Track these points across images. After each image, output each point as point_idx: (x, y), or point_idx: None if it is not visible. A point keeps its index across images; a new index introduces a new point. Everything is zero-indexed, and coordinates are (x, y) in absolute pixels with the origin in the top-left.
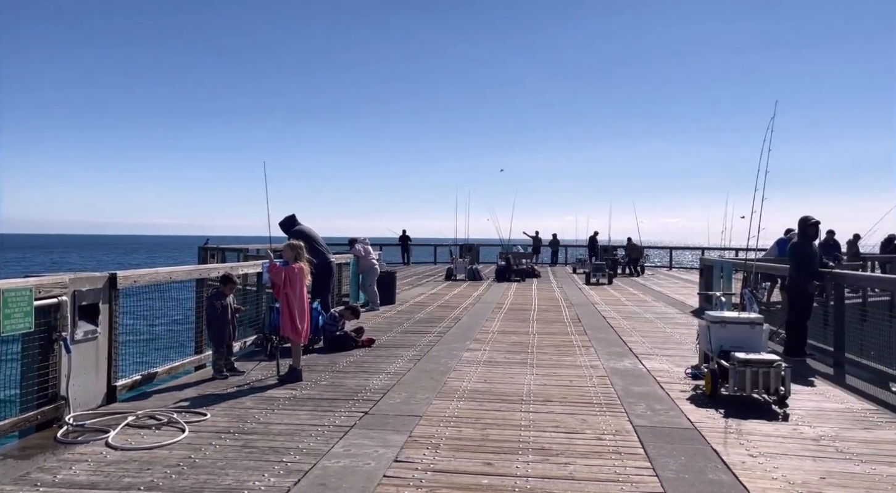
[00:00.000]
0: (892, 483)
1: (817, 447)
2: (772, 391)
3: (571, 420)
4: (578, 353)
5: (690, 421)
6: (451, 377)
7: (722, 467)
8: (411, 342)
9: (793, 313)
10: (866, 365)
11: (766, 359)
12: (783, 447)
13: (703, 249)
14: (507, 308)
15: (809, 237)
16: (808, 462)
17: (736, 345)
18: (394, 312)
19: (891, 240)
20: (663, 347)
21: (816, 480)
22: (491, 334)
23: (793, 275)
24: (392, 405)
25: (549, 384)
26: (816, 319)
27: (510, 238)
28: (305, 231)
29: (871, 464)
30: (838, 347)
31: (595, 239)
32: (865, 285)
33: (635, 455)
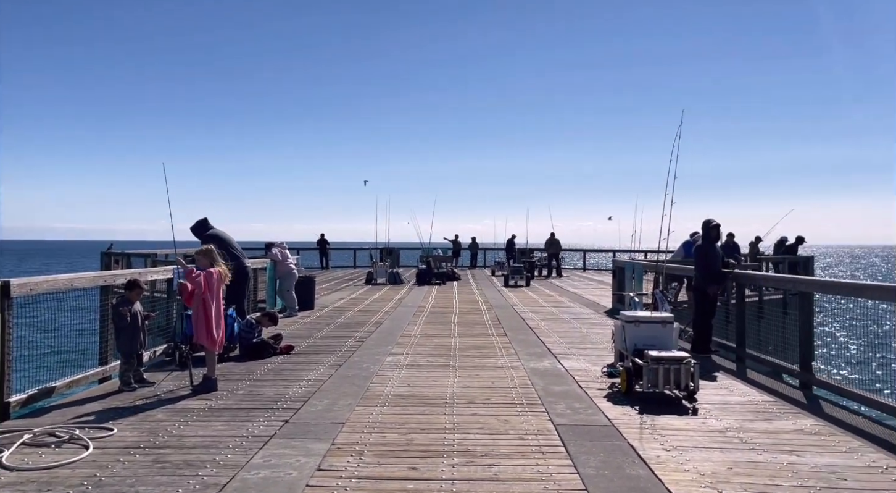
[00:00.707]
0: (792, 471)
1: (724, 439)
2: (682, 387)
3: (495, 421)
4: (499, 354)
5: (608, 418)
6: (373, 382)
7: (639, 461)
8: (332, 348)
9: (698, 312)
10: (765, 359)
11: (677, 356)
12: (694, 440)
13: (615, 251)
14: (429, 311)
15: (712, 239)
16: (717, 454)
17: (649, 343)
18: (313, 317)
19: (783, 242)
20: (580, 346)
21: (724, 470)
22: (413, 338)
23: (697, 275)
24: (313, 413)
25: (472, 386)
26: (720, 317)
27: (430, 242)
28: (219, 235)
29: (772, 453)
30: (740, 343)
31: (513, 242)
32: (763, 285)
33: (557, 454)
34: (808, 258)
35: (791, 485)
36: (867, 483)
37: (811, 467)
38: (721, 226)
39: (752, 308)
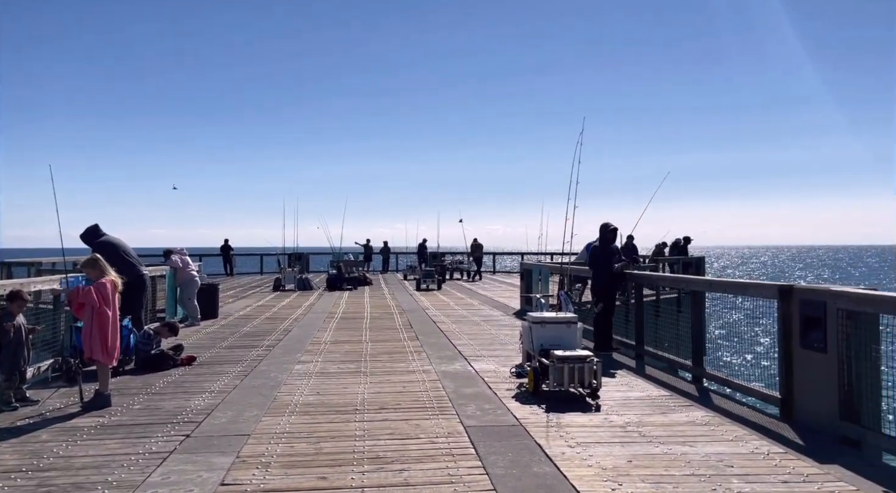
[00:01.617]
0: (685, 461)
1: (624, 434)
2: (586, 385)
3: (405, 426)
4: (411, 358)
5: (516, 418)
6: (281, 392)
7: (545, 459)
8: (237, 358)
9: (599, 311)
10: (662, 356)
11: (581, 355)
12: (596, 436)
13: (523, 253)
14: (340, 317)
15: (608, 242)
16: (618, 448)
17: (555, 343)
18: (217, 326)
19: (677, 243)
20: (490, 348)
21: (624, 464)
22: (323, 345)
23: (595, 275)
24: (217, 426)
25: (382, 392)
26: (621, 315)
27: (341, 246)
28: (112, 242)
29: (668, 445)
30: (639, 341)
31: (424, 246)
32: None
33: (467, 456)
34: (700, 259)
35: (684, 474)
36: (751, 469)
37: (702, 456)
38: (618, 229)
39: (650, 307)
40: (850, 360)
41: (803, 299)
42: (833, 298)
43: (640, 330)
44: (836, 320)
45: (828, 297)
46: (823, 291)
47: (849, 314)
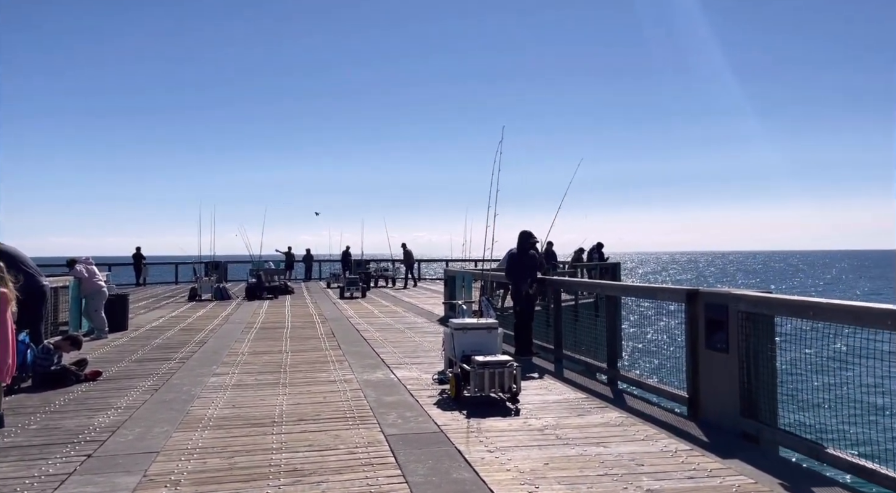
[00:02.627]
0: (600, 461)
1: (542, 437)
2: (506, 390)
3: (325, 437)
4: (333, 368)
5: (437, 425)
6: (194, 406)
7: (465, 465)
8: (147, 371)
9: (519, 316)
10: (579, 359)
11: (501, 360)
12: (515, 440)
13: (448, 260)
14: (259, 327)
15: (525, 249)
16: (535, 451)
17: (476, 349)
18: (126, 339)
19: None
20: (413, 355)
21: (542, 466)
22: (240, 356)
23: (515, 282)
24: (123, 444)
25: (302, 403)
26: (541, 320)
27: (261, 254)
28: (8, 251)
29: (583, 446)
30: (557, 344)
31: (348, 253)
32: (577, 289)
33: (387, 465)
34: (616, 264)
35: (598, 474)
36: (660, 466)
37: (615, 456)
38: (535, 235)
39: (568, 311)
40: (750, 359)
41: (708, 302)
42: (734, 300)
43: (559, 334)
44: (737, 322)
45: (729, 300)
46: (725, 294)
47: (748, 316)
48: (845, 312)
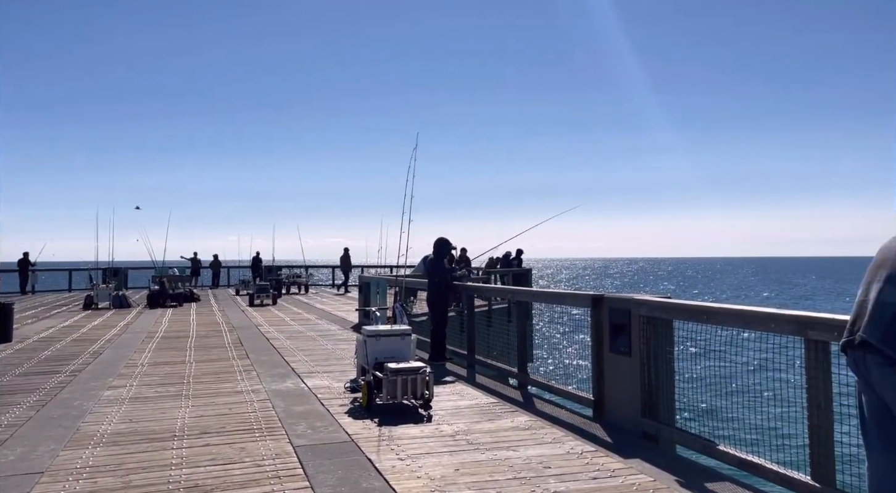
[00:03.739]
0: (508, 465)
1: (454, 442)
2: (419, 396)
3: (229, 450)
4: (240, 378)
5: (348, 434)
6: (86, 421)
7: (375, 474)
8: (34, 386)
9: (434, 323)
10: (491, 364)
11: (414, 367)
12: (427, 447)
13: (363, 267)
14: (161, 337)
15: (442, 255)
16: (446, 457)
17: (389, 356)
18: (10, 351)
19: (508, 256)
20: (325, 364)
21: (452, 472)
22: (140, 368)
23: (431, 288)
24: (3, 464)
25: (206, 415)
26: (455, 326)
27: (165, 260)
28: None
29: (493, 451)
30: (470, 350)
31: (258, 259)
32: (491, 296)
33: (294, 477)
34: (528, 270)
35: (507, 478)
36: (566, 468)
37: (524, 459)
38: (451, 242)
39: (482, 317)
40: (650, 362)
41: (612, 307)
42: (636, 305)
43: (472, 340)
44: (639, 326)
45: (632, 305)
46: (628, 299)
47: (649, 320)
48: (734, 315)
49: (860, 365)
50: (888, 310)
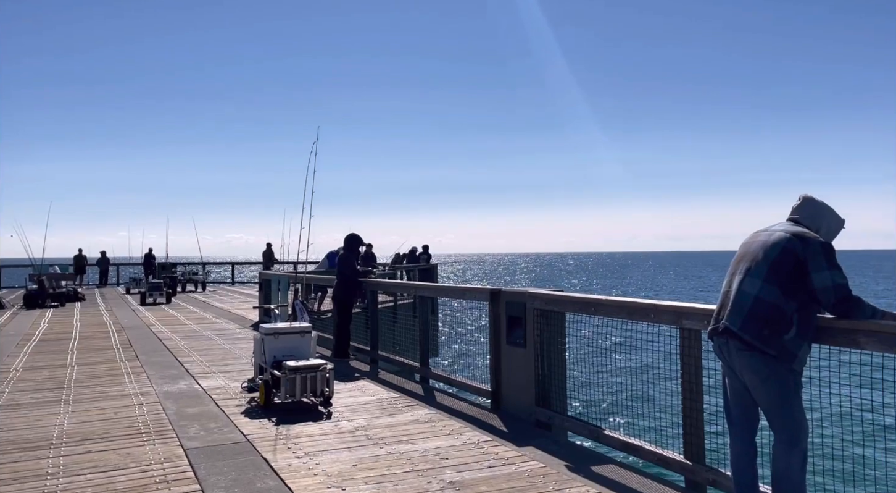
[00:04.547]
0: (407, 458)
1: (353, 438)
2: (318, 393)
3: (114, 456)
4: (128, 381)
5: (244, 434)
6: None
7: (270, 473)
8: None
9: (338, 319)
10: (394, 359)
11: (314, 364)
12: (325, 444)
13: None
14: (39, 339)
15: (353, 250)
16: (345, 453)
17: (288, 354)
18: None
19: (414, 251)
20: (221, 364)
21: (350, 468)
22: (13, 373)
23: (338, 284)
24: None
25: (88, 421)
26: (360, 322)
27: (44, 258)
28: None
29: (392, 445)
30: (373, 346)
31: (151, 256)
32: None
33: (184, 480)
34: (434, 266)
35: (404, 471)
36: (462, 459)
37: (422, 452)
38: (362, 238)
39: (388, 313)
40: (543, 353)
41: (508, 300)
42: (531, 299)
43: (375, 336)
44: (533, 319)
45: (527, 298)
46: (523, 293)
47: (542, 313)
48: (619, 307)
49: (724, 351)
50: (747, 299)
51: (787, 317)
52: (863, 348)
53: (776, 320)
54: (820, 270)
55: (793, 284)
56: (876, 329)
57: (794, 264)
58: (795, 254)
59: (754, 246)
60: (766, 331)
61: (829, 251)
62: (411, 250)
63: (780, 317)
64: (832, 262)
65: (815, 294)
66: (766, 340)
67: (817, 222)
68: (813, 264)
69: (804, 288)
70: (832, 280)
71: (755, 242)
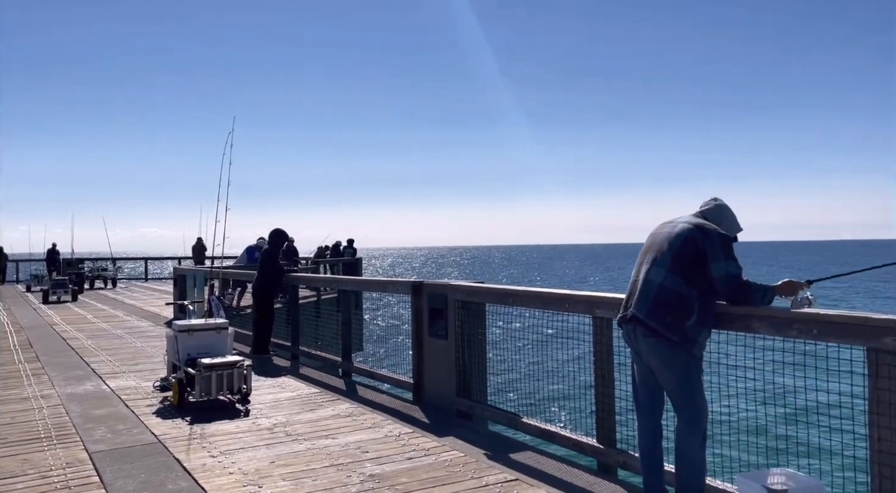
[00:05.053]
0: (326, 453)
1: (271, 435)
2: (236, 391)
3: (10, 463)
4: (27, 383)
5: (155, 435)
6: None
7: (183, 474)
8: None
9: (258, 315)
10: (316, 355)
11: (230, 361)
12: (242, 442)
13: (181, 258)
14: None
15: (278, 246)
16: (262, 451)
17: (203, 351)
18: None
19: (338, 245)
20: (132, 363)
21: (267, 465)
22: None
23: (260, 279)
24: None
25: None
26: (281, 318)
27: None
28: None
29: (312, 440)
30: (294, 341)
31: (55, 251)
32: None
33: (89, 485)
34: (358, 260)
35: (324, 466)
36: (383, 451)
37: (342, 446)
38: (287, 233)
39: (310, 308)
40: (465, 344)
41: (430, 293)
42: (452, 291)
43: (296, 331)
44: (455, 311)
45: (448, 290)
46: (445, 285)
47: (463, 305)
48: (536, 297)
49: (631, 337)
50: (652, 288)
51: (689, 304)
52: (756, 332)
53: (679, 308)
54: (717, 260)
55: (694, 273)
56: (768, 314)
57: (694, 253)
58: (696, 244)
59: (660, 237)
60: (670, 318)
61: (726, 243)
62: (335, 243)
63: (682, 304)
64: (729, 253)
65: (714, 283)
66: (669, 326)
67: (719, 220)
68: (712, 254)
69: (704, 277)
70: (726, 270)
71: (661, 233)
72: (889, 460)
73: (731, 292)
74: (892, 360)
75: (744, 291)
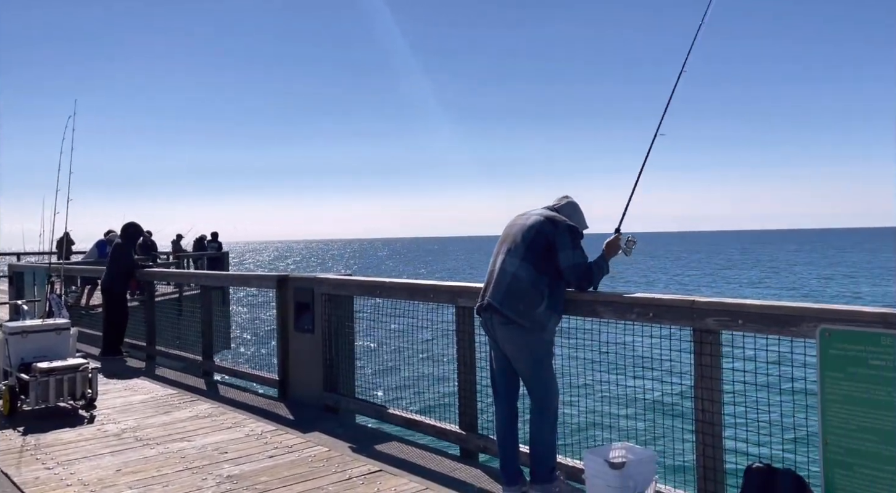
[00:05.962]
0: (181, 457)
1: (119, 441)
2: (79, 396)
3: None
4: None
5: None
6: None
7: (12, 489)
8: None
9: (109, 313)
10: (174, 354)
11: (73, 364)
12: (85, 450)
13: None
14: None
15: (132, 239)
16: (108, 458)
17: (40, 355)
18: None
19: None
20: None
21: (112, 474)
22: None
23: (110, 274)
24: None
25: None
26: (136, 316)
27: None
28: None
29: (165, 444)
30: (150, 341)
31: None
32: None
33: None
34: (225, 253)
35: (177, 470)
36: (243, 451)
37: (199, 448)
38: (141, 226)
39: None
40: (332, 337)
41: (296, 287)
42: (318, 284)
43: (152, 330)
44: (322, 304)
45: (315, 283)
46: (311, 278)
47: (330, 298)
48: (402, 288)
49: (488, 325)
50: (507, 277)
51: (540, 292)
52: (602, 316)
53: (530, 295)
54: (565, 249)
55: (544, 262)
56: (611, 300)
57: (545, 244)
58: (546, 235)
59: (515, 228)
60: (522, 305)
61: (574, 234)
62: (200, 237)
63: (533, 292)
64: (577, 243)
65: (562, 272)
66: (521, 313)
67: (569, 215)
68: (560, 244)
69: (554, 266)
70: (574, 260)
71: (516, 224)
72: (709, 429)
73: (578, 280)
74: (713, 339)
75: (588, 275)
